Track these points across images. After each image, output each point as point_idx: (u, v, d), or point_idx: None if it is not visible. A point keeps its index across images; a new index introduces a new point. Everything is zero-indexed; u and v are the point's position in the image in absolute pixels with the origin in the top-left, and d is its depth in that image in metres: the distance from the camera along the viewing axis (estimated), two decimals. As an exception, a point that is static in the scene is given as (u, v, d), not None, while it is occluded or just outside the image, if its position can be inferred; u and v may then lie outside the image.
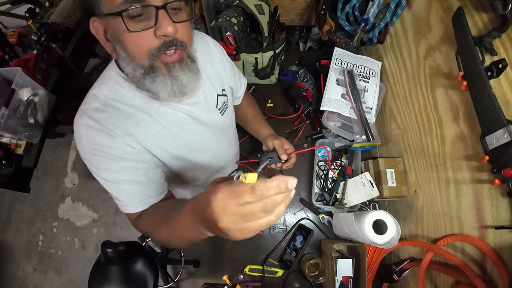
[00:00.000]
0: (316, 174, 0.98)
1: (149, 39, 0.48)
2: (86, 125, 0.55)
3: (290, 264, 0.90)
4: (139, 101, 0.59)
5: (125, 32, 0.47)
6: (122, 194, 0.60)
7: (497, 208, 0.58)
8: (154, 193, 0.62)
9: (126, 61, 0.52)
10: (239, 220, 0.31)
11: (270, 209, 0.31)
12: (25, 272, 1.99)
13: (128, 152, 0.57)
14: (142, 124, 0.59)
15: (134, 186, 0.59)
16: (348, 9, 1.04)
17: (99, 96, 0.57)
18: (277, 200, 0.31)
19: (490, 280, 0.59)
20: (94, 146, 0.55)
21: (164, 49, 0.49)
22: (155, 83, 0.52)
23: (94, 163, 0.57)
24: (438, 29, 0.75)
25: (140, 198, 0.61)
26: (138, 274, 0.82)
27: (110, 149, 0.55)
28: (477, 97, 0.57)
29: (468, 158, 0.65)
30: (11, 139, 1.29)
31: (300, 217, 0.97)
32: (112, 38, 0.51)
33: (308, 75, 1.15)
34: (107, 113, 0.56)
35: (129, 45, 0.49)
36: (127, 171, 0.58)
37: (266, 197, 0.30)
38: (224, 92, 0.75)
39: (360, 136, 0.93)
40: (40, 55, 1.43)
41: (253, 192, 0.30)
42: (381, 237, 0.74)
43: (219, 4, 1.26)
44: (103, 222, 2.05)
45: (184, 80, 0.54)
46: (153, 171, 0.63)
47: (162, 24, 0.46)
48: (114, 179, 0.58)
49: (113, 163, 0.56)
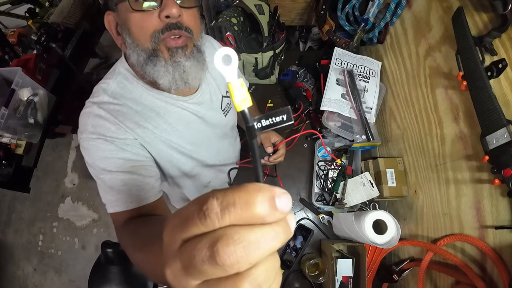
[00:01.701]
0: (316, 174, 0.98)
1: (153, 20, 0.48)
2: (97, 114, 0.54)
3: (290, 264, 0.90)
4: (147, 98, 0.59)
5: (130, 13, 0.48)
6: (113, 190, 0.54)
7: (497, 208, 0.58)
8: (146, 193, 0.57)
9: (132, 48, 0.52)
10: (179, 273, 0.17)
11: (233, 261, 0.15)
12: (25, 272, 1.99)
13: (131, 142, 0.56)
14: (150, 120, 0.60)
15: (128, 179, 0.55)
16: (348, 9, 1.04)
17: (108, 90, 0.57)
18: (252, 236, 0.15)
19: (490, 280, 0.59)
20: (97, 133, 0.53)
21: (168, 31, 0.48)
22: (155, 68, 0.51)
23: (93, 151, 0.54)
24: (438, 29, 0.75)
25: (132, 197, 0.55)
26: (138, 274, 0.82)
27: (113, 135, 0.54)
28: (477, 97, 0.57)
29: (468, 158, 0.65)
30: (11, 139, 1.29)
31: (300, 217, 0.97)
32: (121, 27, 0.52)
33: (308, 75, 1.15)
34: (118, 105, 0.56)
35: (133, 28, 0.49)
36: (124, 161, 0.55)
37: (224, 227, 0.16)
38: (228, 93, 0.75)
39: (360, 136, 0.93)
40: (40, 55, 1.43)
41: (203, 216, 0.16)
42: (381, 237, 0.74)
43: (219, 4, 1.26)
44: (103, 222, 2.05)
45: (187, 67, 0.52)
46: (150, 168, 0.60)
47: (167, 4, 0.47)
48: (109, 169, 0.54)
49: (113, 149, 0.54)
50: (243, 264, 0.15)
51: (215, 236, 0.15)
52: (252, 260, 0.15)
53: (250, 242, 0.15)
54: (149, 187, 0.58)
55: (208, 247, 0.15)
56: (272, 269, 0.16)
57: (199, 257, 0.15)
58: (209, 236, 0.15)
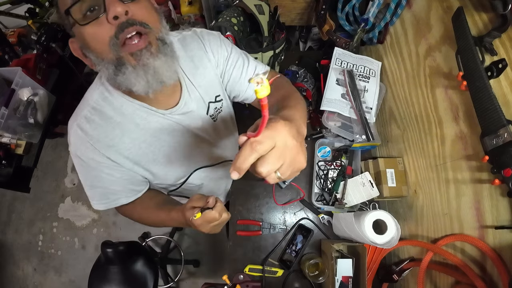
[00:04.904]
0: (316, 174, 0.98)
1: (104, 27, 0.46)
2: (75, 132, 0.60)
3: (290, 264, 0.90)
4: (127, 109, 0.60)
5: (82, 30, 0.47)
6: (107, 194, 0.68)
7: (497, 208, 0.58)
8: (131, 190, 0.71)
9: (99, 64, 0.51)
10: (208, 228, 0.57)
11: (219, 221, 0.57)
12: (25, 272, 1.99)
13: (106, 163, 0.62)
14: (128, 133, 0.62)
15: (116, 185, 0.67)
16: (348, 9, 1.04)
17: (90, 102, 0.60)
18: (220, 219, 0.56)
19: (490, 280, 0.59)
20: (79, 152, 0.61)
21: (122, 32, 0.46)
22: (125, 76, 0.49)
23: (77, 166, 0.64)
24: (438, 29, 0.75)
25: (127, 192, 0.70)
26: (138, 274, 0.82)
27: (89, 160, 0.61)
28: (477, 97, 0.57)
29: (468, 158, 0.65)
30: (11, 139, 1.29)
31: (300, 217, 0.97)
32: (83, 48, 0.52)
33: (308, 75, 1.15)
34: (94, 122, 0.59)
35: (90, 42, 0.48)
36: (106, 177, 0.64)
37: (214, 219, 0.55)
38: (218, 98, 0.73)
39: (360, 136, 0.93)
40: (40, 55, 1.43)
41: (211, 220, 0.55)
42: (381, 237, 0.74)
43: (219, 4, 1.27)
44: (103, 222, 2.05)
45: (157, 66, 0.50)
46: (132, 173, 0.68)
47: (110, 5, 0.45)
48: (91, 184, 0.66)
49: (91, 171, 0.63)
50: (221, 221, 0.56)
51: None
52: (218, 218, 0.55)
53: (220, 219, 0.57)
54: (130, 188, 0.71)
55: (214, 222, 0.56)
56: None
57: (214, 224, 0.57)
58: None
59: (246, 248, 0.94)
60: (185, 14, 1.63)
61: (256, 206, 0.99)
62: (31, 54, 1.47)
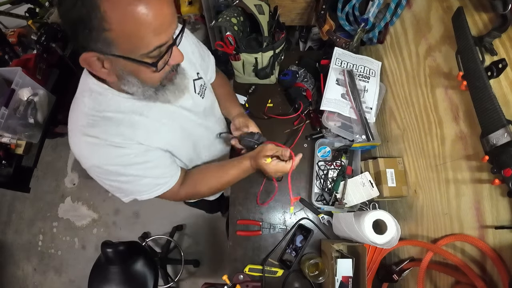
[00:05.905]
0: (316, 174, 0.98)
1: (164, 69, 0.54)
2: (86, 142, 0.58)
3: (290, 264, 0.90)
4: (126, 105, 0.61)
5: (143, 68, 0.51)
6: (160, 178, 0.70)
7: (497, 208, 0.58)
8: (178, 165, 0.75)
9: (134, 85, 0.55)
10: (275, 174, 0.75)
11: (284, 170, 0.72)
12: (25, 272, 2.00)
13: (138, 150, 0.63)
14: (138, 125, 0.62)
15: (162, 166, 0.70)
16: (348, 9, 1.04)
17: (85, 111, 0.58)
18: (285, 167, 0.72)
19: (490, 280, 0.59)
20: (104, 160, 0.59)
21: (172, 72, 0.58)
22: (165, 94, 0.60)
23: (113, 173, 0.62)
24: (438, 29, 0.75)
25: (175, 170, 0.73)
26: (138, 274, 0.82)
27: (122, 158, 0.60)
28: (477, 97, 0.57)
29: (468, 158, 0.65)
30: (11, 139, 1.29)
31: (300, 217, 0.97)
32: (120, 71, 0.52)
33: (308, 75, 1.15)
34: (99, 126, 0.58)
35: (144, 77, 0.54)
36: (144, 164, 0.65)
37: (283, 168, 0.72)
38: (199, 75, 0.78)
39: (360, 136, 0.93)
40: (40, 55, 1.44)
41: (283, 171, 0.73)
42: (381, 237, 0.74)
43: (219, 4, 1.27)
44: (103, 222, 2.05)
45: (178, 82, 0.62)
46: (161, 152, 0.70)
47: (175, 56, 0.53)
48: (143, 173, 0.66)
49: (126, 169, 0.62)
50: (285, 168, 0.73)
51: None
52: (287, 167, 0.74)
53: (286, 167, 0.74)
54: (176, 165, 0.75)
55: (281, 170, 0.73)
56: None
57: (281, 170, 0.75)
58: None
59: (246, 248, 0.94)
60: (185, 14, 1.63)
61: (256, 206, 0.99)
62: (31, 54, 1.48)
